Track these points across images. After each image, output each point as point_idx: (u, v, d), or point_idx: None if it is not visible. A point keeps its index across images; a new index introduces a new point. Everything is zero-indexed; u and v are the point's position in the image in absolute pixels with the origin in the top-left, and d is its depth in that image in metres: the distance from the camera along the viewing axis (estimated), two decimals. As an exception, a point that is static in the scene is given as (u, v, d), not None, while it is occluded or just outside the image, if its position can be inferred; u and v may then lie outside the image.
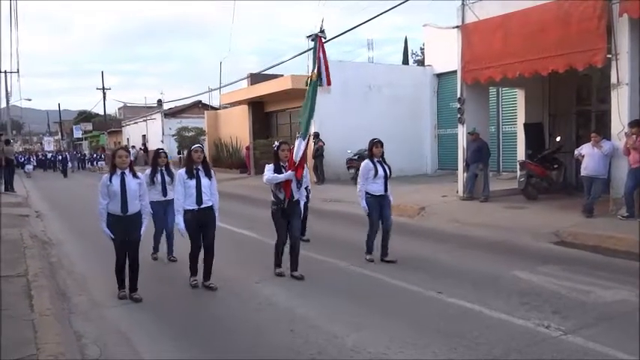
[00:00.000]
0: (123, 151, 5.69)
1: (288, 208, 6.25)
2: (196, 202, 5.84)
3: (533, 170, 11.91)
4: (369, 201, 7.02)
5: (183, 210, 5.84)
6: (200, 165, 5.96)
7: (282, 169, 6.23)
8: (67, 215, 13.36)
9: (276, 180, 6.19)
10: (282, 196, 6.24)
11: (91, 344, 4.49)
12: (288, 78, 19.61)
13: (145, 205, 5.76)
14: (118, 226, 5.52)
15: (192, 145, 6.17)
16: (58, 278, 6.74)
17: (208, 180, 5.96)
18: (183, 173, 5.90)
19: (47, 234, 10.16)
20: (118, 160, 5.56)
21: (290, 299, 5.59)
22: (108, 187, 5.49)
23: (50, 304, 5.42)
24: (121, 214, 5.50)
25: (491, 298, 5.36)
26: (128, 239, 5.62)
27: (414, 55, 38.86)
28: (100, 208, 5.55)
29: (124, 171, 5.55)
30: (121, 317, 5.18)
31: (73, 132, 61.62)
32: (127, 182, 5.52)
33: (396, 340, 4.38)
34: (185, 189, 5.85)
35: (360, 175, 7.14)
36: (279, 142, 6.55)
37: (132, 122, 45.79)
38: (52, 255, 8.22)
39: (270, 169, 6.28)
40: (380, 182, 7.02)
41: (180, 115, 37.95)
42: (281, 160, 6.27)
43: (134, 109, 50.95)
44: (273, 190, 6.33)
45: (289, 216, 6.31)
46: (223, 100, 28.05)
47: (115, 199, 5.48)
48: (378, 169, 7.01)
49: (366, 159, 7.21)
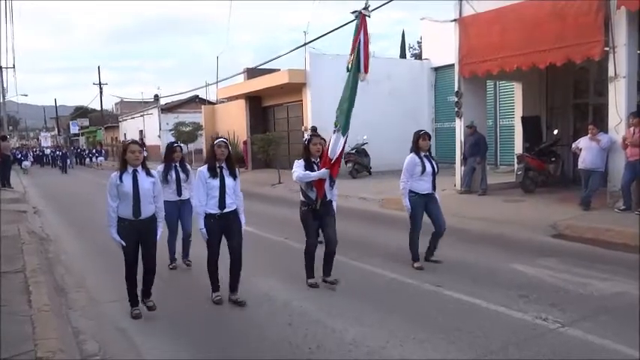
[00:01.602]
0: (135, 146, 4.92)
1: (320, 209, 5.61)
2: (219, 206, 5.10)
3: (531, 163, 11.92)
4: (413, 200, 6.31)
5: (205, 214, 5.13)
6: (224, 162, 5.20)
7: (314, 165, 5.58)
8: (65, 211, 13.34)
9: (308, 178, 5.51)
10: (314, 195, 5.58)
11: (89, 340, 4.48)
12: (284, 72, 19.57)
13: (160, 208, 5.05)
14: (129, 232, 4.83)
15: (216, 139, 5.29)
16: (56, 274, 6.73)
17: (233, 180, 5.19)
18: (205, 172, 5.11)
19: (45, 230, 10.14)
20: (130, 156, 4.83)
21: (287, 293, 5.59)
22: (118, 187, 4.78)
23: (48, 300, 5.41)
24: (133, 218, 4.80)
25: (490, 291, 5.36)
26: (142, 247, 4.96)
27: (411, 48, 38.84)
28: (109, 211, 4.81)
29: (136, 168, 4.85)
30: (119, 313, 5.16)
31: (69, 128, 61.44)
32: (140, 181, 4.82)
33: (395, 333, 4.39)
34: (207, 190, 5.10)
35: (404, 171, 6.36)
36: (309, 134, 5.82)
37: (129, 117, 45.66)
38: (50, 251, 8.20)
39: (300, 166, 5.59)
40: (427, 180, 6.32)
41: (177, 110, 37.86)
42: (312, 156, 5.60)
43: (131, 105, 50.86)
44: (303, 188, 5.66)
45: (321, 218, 5.67)
46: (220, 95, 28.00)
47: (126, 200, 4.78)
48: (426, 164, 6.30)
49: (411, 153, 6.43)
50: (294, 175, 5.57)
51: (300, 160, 5.63)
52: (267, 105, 23.86)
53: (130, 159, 4.83)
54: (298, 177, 5.53)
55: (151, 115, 39.18)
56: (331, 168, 5.54)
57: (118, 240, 4.81)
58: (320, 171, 5.50)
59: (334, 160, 5.57)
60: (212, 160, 5.16)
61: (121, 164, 4.89)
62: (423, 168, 6.26)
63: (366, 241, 7.98)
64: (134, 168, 4.84)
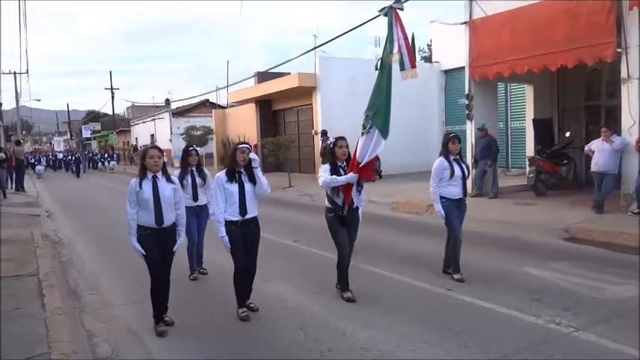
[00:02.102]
0: (155, 151, 4.72)
1: (347, 215, 5.38)
2: (240, 213, 4.88)
3: (543, 166, 11.85)
4: (446, 206, 6.04)
5: (225, 221, 4.89)
6: (243, 168, 4.96)
7: (340, 169, 5.35)
8: (78, 215, 13.45)
9: (336, 183, 5.25)
10: (341, 201, 5.34)
11: (102, 343, 4.52)
12: (295, 76, 19.63)
13: (181, 215, 4.87)
14: (151, 240, 4.64)
15: (238, 144, 5.05)
16: (69, 277, 6.79)
17: (252, 185, 4.96)
18: (223, 177, 4.90)
19: (58, 233, 10.23)
20: (150, 162, 4.64)
21: (299, 297, 5.59)
22: (137, 194, 4.61)
23: (61, 302, 5.47)
24: (155, 226, 4.63)
25: (502, 295, 5.33)
26: (161, 255, 4.73)
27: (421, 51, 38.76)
28: (129, 219, 4.66)
29: (155, 174, 4.67)
30: (132, 316, 5.20)
31: (82, 132, 62.03)
32: (160, 188, 4.65)
33: (406, 337, 4.37)
34: (226, 196, 4.89)
35: (433, 175, 6.14)
36: (335, 137, 5.55)
37: (140, 122, 46.00)
38: (63, 254, 8.27)
39: (326, 170, 5.33)
40: (457, 184, 6.07)
41: (188, 114, 38.06)
42: (338, 159, 5.39)
43: (142, 109, 51.16)
44: (329, 194, 5.42)
45: (349, 225, 5.46)
46: (231, 99, 28.12)
47: (147, 208, 4.61)
48: (455, 168, 6.04)
49: (440, 156, 6.22)
50: (320, 180, 5.32)
51: (326, 164, 5.41)
52: (277, 108, 23.94)
53: (150, 165, 4.65)
54: (325, 182, 5.27)
55: (162, 120, 39.43)
56: (360, 172, 5.30)
57: (139, 249, 4.63)
58: (348, 175, 5.26)
59: (364, 163, 5.31)
60: (233, 164, 4.94)
61: (141, 170, 4.70)
62: (452, 172, 6.01)
63: (377, 245, 7.96)
64: (154, 174, 4.67)
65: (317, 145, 19.22)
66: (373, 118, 5.44)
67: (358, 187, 5.38)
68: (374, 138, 5.35)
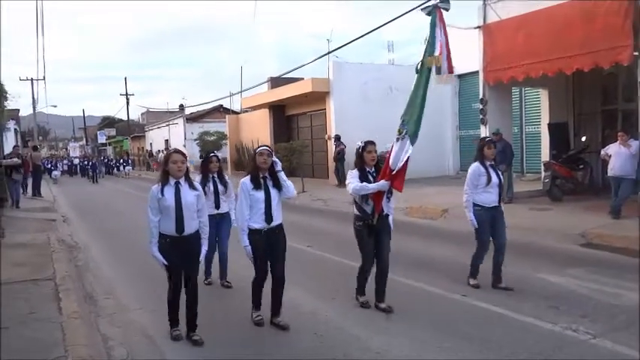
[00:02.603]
0: (178, 155, 4.54)
1: (377, 224, 5.13)
2: (265, 220, 4.68)
3: (558, 171, 11.73)
4: (479, 214, 5.75)
5: (248, 229, 4.69)
6: (267, 172, 4.76)
7: (369, 175, 5.10)
8: (93, 220, 13.58)
9: (366, 190, 5.00)
10: (371, 209, 5.09)
11: (117, 347, 4.55)
12: (308, 81, 19.67)
13: (204, 223, 4.66)
14: (171, 249, 4.47)
15: (257, 148, 4.85)
16: (85, 282, 6.85)
17: (278, 192, 4.76)
18: (248, 183, 4.69)
19: (74, 238, 10.34)
20: (172, 167, 4.46)
21: (313, 302, 5.58)
22: (159, 201, 4.45)
23: (78, 307, 5.52)
24: (175, 234, 4.46)
25: (518, 301, 5.28)
26: (185, 267, 4.57)
27: (434, 56, 38.61)
28: (151, 227, 4.49)
29: (178, 180, 4.49)
30: (147, 320, 5.23)
31: (97, 137, 62.74)
32: (183, 195, 4.47)
33: (421, 343, 4.35)
34: (250, 203, 4.68)
35: (468, 181, 5.84)
36: (363, 141, 5.18)
37: (155, 127, 46.41)
38: (79, 259, 8.36)
39: (354, 176, 5.09)
40: (493, 191, 5.77)
41: (202, 119, 38.33)
42: (366, 165, 5.12)
43: (157, 114, 51.68)
44: (358, 201, 5.15)
45: (378, 234, 5.17)
46: (244, 104, 28.26)
47: (168, 215, 4.44)
48: (491, 174, 5.75)
49: (475, 162, 5.91)
50: (350, 187, 5.05)
51: (354, 170, 5.15)
52: (290, 114, 24.00)
53: (172, 170, 4.47)
54: (354, 189, 5.01)
55: (176, 125, 39.76)
56: (392, 179, 5.04)
57: (159, 259, 4.48)
58: (379, 182, 5.01)
59: (397, 170, 5.04)
60: (255, 170, 4.73)
61: (163, 176, 4.53)
62: (489, 178, 5.72)
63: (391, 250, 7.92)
64: (176, 180, 4.49)
65: (330, 150, 19.22)
66: (408, 123, 5.15)
67: (388, 194, 5.12)
68: (407, 143, 5.09)
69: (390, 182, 5.03)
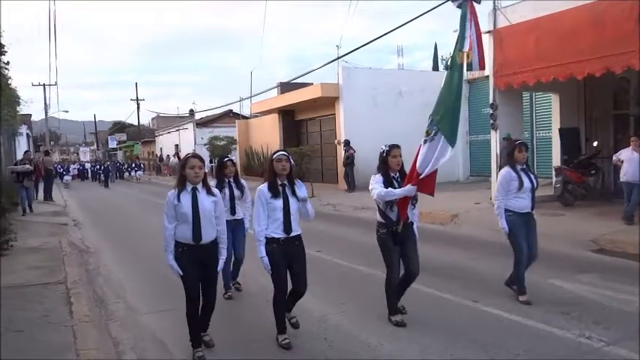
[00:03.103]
0: (195, 160, 4.32)
1: (402, 232, 4.88)
2: (284, 230, 4.45)
3: (570, 176, 11.64)
4: (512, 220, 5.51)
5: (265, 239, 4.45)
6: (286, 179, 4.55)
7: (394, 181, 4.85)
8: (105, 224, 13.66)
9: (392, 196, 4.73)
10: (395, 216, 4.83)
11: (128, 350, 4.57)
12: (317, 86, 19.71)
13: (222, 231, 4.44)
14: (188, 259, 4.25)
15: (274, 154, 4.58)
16: (96, 285, 6.89)
17: (297, 200, 4.56)
18: (265, 191, 4.45)
19: (85, 242, 10.41)
20: (190, 173, 4.25)
21: (322, 307, 5.57)
22: (175, 208, 4.24)
23: (88, 310, 5.56)
24: (192, 242, 4.24)
25: (529, 308, 5.23)
26: (202, 276, 4.34)
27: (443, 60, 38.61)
28: (166, 234, 4.27)
29: (195, 186, 4.29)
30: (157, 324, 5.25)
31: (108, 142, 63.22)
32: (201, 201, 4.26)
33: (431, 350, 4.32)
34: (268, 212, 4.45)
35: (499, 187, 5.61)
36: (387, 145, 4.95)
37: (165, 132, 46.68)
38: (90, 262, 8.41)
39: (378, 182, 4.83)
40: (526, 196, 5.52)
41: (211, 124, 38.52)
42: (391, 170, 4.88)
43: (167, 119, 52.00)
44: (382, 208, 4.89)
45: (402, 243, 4.92)
46: (254, 109, 28.37)
47: (185, 223, 4.23)
48: (523, 179, 5.51)
49: (506, 166, 5.70)
50: (374, 192, 4.80)
51: (378, 174, 4.89)
52: (300, 119, 24.05)
53: (190, 175, 4.26)
54: (379, 195, 4.75)
55: (186, 130, 39.97)
56: (419, 184, 4.77)
57: (175, 268, 4.25)
58: (405, 188, 4.74)
59: (425, 174, 4.78)
60: (272, 177, 4.49)
61: (179, 181, 4.32)
62: (521, 183, 5.48)
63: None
64: (193, 186, 4.28)
65: (339, 155, 19.22)
66: (439, 123, 4.83)
67: (413, 200, 4.86)
68: (439, 146, 4.80)
69: (417, 187, 4.76)
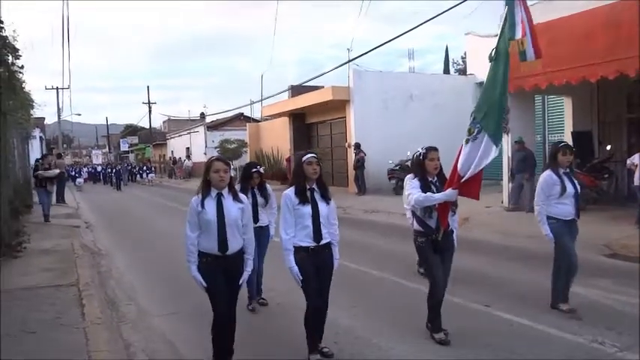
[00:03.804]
0: (221, 164, 3.99)
1: (441, 241, 4.52)
2: (314, 238, 4.13)
3: (582, 180, 11.48)
4: (555, 227, 5.22)
5: (293, 247, 4.12)
6: (315, 184, 4.22)
7: (432, 185, 4.51)
8: (116, 227, 13.75)
9: (432, 201, 4.37)
10: (434, 223, 4.50)
11: (139, 352, 4.59)
12: (328, 89, 19.72)
13: (249, 240, 4.11)
14: (213, 270, 3.94)
15: (305, 155, 4.25)
16: (108, 288, 6.94)
17: (326, 205, 4.20)
18: (292, 196, 4.11)
19: (97, 244, 10.48)
20: (214, 177, 3.93)
21: (333, 311, 5.55)
22: (199, 215, 3.93)
23: (100, 312, 5.60)
24: (218, 253, 3.93)
25: (541, 312, 5.19)
26: (227, 288, 4.02)
27: (455, 64, 38.59)
28: (189, 243, 3.95)
29: (221, 192, 3.97)
30: (168, 326, 5.28)
31: (120, 145, 63.73)
32: (226, 208, 3.95)
33: (442, 353, 4.30)
34: (295, 218, 4.12)
35: (539, 192, 5.29)
36: (424, 148, 4.64)
37: (176, 135, 46.98)
38: (102, 265, 8.46)
39: (415, 186, 4.49)
40: (569, 202, 5.20)
41: (222, 127, 38.69)
42: (429, 174, 4.56)
43: (178, 123, 52.34)
44: (419, 215, 4.56)
45: (442, 252, 4.57)
46: (265, 112, 28.44)
47: (209, 231, 3.91)
48: (566, 184, 5.18)
49: (547, 169, 5.35)
50: (412, 198, 4.44)
51: (414, 178, 4.59)
52: (310, 122, 24.08)
53: (214, 180, 3.94)
54: (418, 201, 4.39)
55: (197, 133, 40.20)
56: (461, 188, 4.39)
57: (199, 280, 3.93)
58: (446, 192, 4.37)
59: (467, 177, 4.39)
60: (301, 181, 4.16)
61: (203, 186, 3.99)
62: (563, 188, 5.16)
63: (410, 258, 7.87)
64: (219, 191, 3.97)
65: (350, 158, 19.21)
66: (483, 120, 4.43)
67: (452, 206, 4.52)
68: (482, 145, 4.38)
69: (459, 191, 4.39)
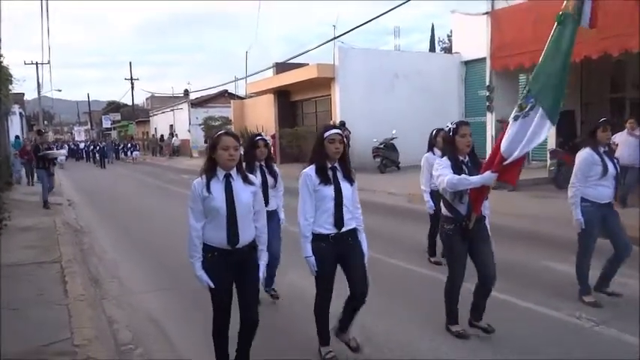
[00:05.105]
0: (230, 139, 3.32)
1: (473, 229, 4.02)
2: (335, 224, 3.63)
3: (564, 159, 11.66)
4: (587, 211, 4.72)
5: (312, 234, 3.65)
6: (338, 162, 3.72)
7: (463, 165, 3.98)
8: (99, 204, 13.64)
9: (466, 185, 3.86)
10: (465, 209, 4.00)
11: (123, 329, 4.60)
12: (313, 67, 19.58)
13: (262, 228, 3.51)
14: (221, 267, 3.33)
15: (327, 130, 3.70)
16: (90, 265, 6.91)
17: (350, 186, 3.70)
18: (313, 176, 3.63)
19: (79, 222, 10.40)
20: (223, 155, 3.28)
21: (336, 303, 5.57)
22: (204, 201, 3.28)
23: (83, 289, 5.57)
24: (227, 246, 3.31)
25: (522, 288, 5.29)
26: (237, 290, 3.43)
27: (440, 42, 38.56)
28: (193, 236, 3.31)
29: (229, 173, 3.34)
30: (152, 303, 5.28)
31: (102, 122, 62.82)
32: (237, 192, 3.31)
33: (427, 329, 4.39)
34: (316, 201, 3.64)
35: (577, 173, 4.76)
36: (454, 123, 4.11)
37: (159, 112, 46.39)
38: (84, 242, 8.42)
39: (447, 166, 3.95)
40: (609, 184, 4.73)
41: (206, 104, 38.31)
42: (460, 152, 4.01)
43: (161, 99, 51.63)
44: (448, 199, 4.06)
45: (472, 241, 4.07)
46: (249, 90, 28.21)
47: (216, 220, 3.29)
48: (607, 163, 4.69)
49: (586, 148, 4.81)
50: (444, 180, 3.88)
51: (443, 158, 4.06)
52: (295, 99, 23.93)
53: (222, 158, 3.29)
54: (451, 184, 3.85)
55: (180, 110, 39.73)
56: (502, 172, 3.88)
57: (204, 279, 3.30)
58: (484, 175, 3.87)
59: (512, 159, 3.86)
60: (323, 159, 3.66)
61: (208, 166, 3.35)
62: (605, 169, 4.66)
63: (396, 237, 7.95)
64: (227, 172, 3.34)
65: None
66: (539, 93, 3.86)
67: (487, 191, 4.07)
68: (533, 123, 3.83)
69: (498, 174, 3.87)
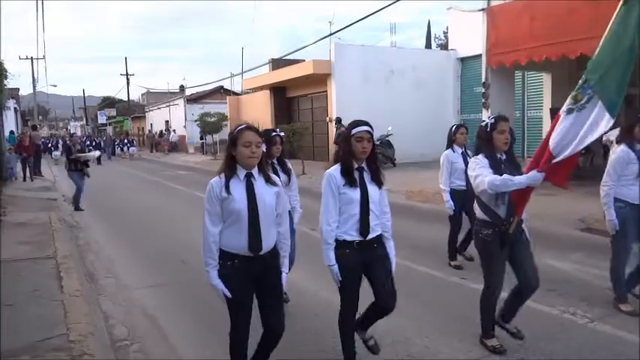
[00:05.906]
0: (252, 134, 3.02)
1: (511, 233, 3.70)
2: (360, 231, 3.32)
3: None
4: (622, 212, 4.45)
5: (335, 241, 3.33)
6: (365, 163, 3.38)
7: (501, 164, 3.65)
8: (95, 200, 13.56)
9: (509, 187, 3.51)
10: (504, 212, 3.68)
11: (118, 325, 4.60)
12: (309, 63, 19.57)
13: (285, 233, 3.24)
14: (241, 276, 3.03)
15: (354, 127, 3.35)
16: (86, 260, 6.90)
17: (378, 189, 3.39)
18: (338, 177, 3.32)
19: (75, 217, 10.36)
20: (244, 152, 2.98)
21: (311, 283, 5.60)
22: (223, 203, 2.99)
23: (79, 285, 5.56)
24: (249, 253, 3.02)
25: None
26: (259, 299, 3.15)
27: (436, 39, 38.48)
28: (209, 241, 3.01)
29: (250, 172, 3.06)
30: (147, 299, 5.27)
31: (97, 117, 62.57)
32: (259, 194, 3.03)
33: (419, 324, 4.41)
34: (341, 205, 3.33)
35: (610, 171, 4.50)
36: (492, 117, 3.72)
37: (155, 108, 46.26)
38: (80, 238, 8.39)
39: (484, 165, 3.61)
40: None
41: (202, 100, 38.18)
42: (497, 149, 3.66)
43: (157, 95, 51.53)
44: (485, 201, 3.71)
45: (512, 246, 3.74)
46: (245, 86, 28.16)
47: (236, 224, 3.00)
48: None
49: (620, 144, 4.55)
50: (485, 181, 3.50)
51: (479, 156, 3.69)
52: (291, 96, 23.91)
53: (243, 156, 2.99)
54: (492, 184, 3.48)
55: (176, 106, 39.62)
56: (550, 172, 3.51)
57: (221, 289, 3.00)
58: (530, 174, 3.51)
59: (562, 157, 3.49)
60: (349, 159, 3.32)
61: (227, 165, 3.05)
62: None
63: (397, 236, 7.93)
64: (248, 171, 3.05)
65: (331, 133, 19.19)
66: (598, 83, 3.45)
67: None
68: (590, 117, 3.43)
69: (546, 174, 3.51)
